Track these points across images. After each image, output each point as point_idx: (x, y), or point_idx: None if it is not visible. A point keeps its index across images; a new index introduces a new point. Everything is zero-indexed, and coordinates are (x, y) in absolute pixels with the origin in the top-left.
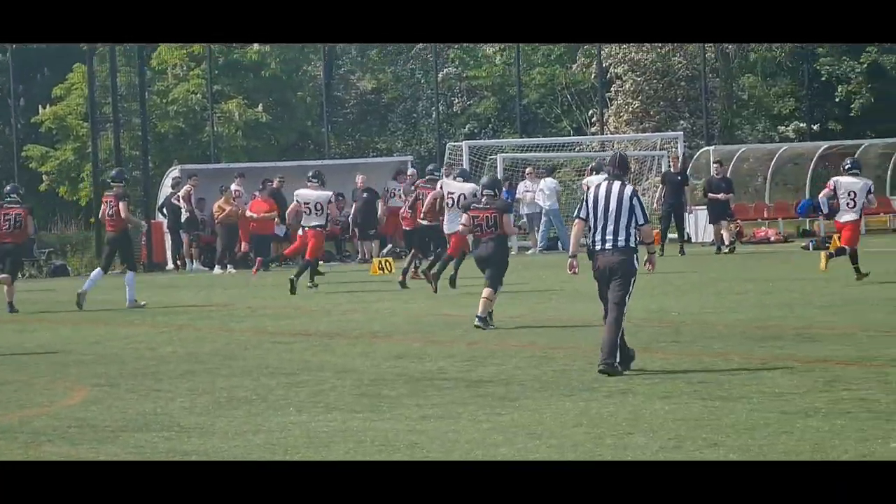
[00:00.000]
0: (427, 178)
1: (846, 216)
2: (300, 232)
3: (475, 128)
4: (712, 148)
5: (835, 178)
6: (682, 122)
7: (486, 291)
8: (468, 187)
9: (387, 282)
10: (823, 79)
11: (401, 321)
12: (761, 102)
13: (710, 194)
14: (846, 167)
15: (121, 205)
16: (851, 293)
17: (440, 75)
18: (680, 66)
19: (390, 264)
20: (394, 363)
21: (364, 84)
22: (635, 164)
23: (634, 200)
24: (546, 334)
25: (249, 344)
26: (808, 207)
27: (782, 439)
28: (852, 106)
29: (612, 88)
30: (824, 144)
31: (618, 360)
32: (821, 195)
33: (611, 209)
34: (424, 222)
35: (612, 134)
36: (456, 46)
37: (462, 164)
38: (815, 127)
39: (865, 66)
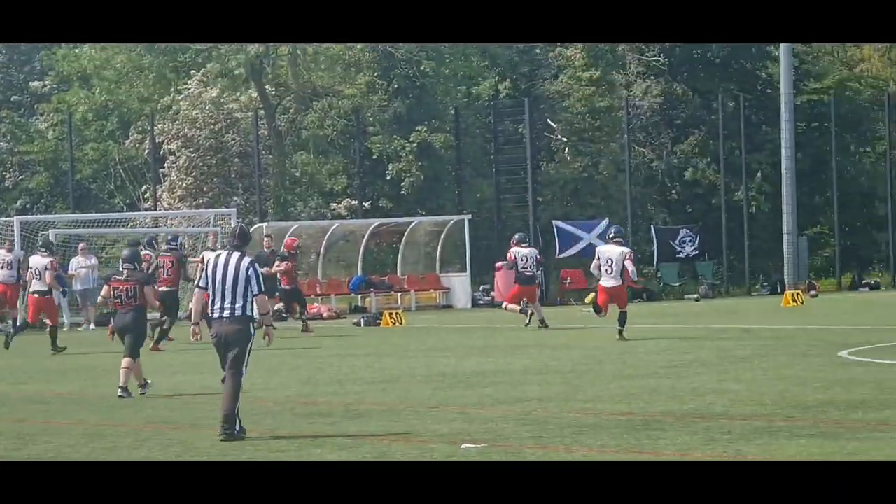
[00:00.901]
0: (167, 247)
1: (607, 282)
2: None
3: (27, 203)
4: (265, 224)
5: (598, 248)
6: (235, 198)
7: (125, 361)
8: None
9: None
10: (375, 157)
11: None
12: (314, 179)
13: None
14: (610, 236)
15: None
16: (400, 369)
17: None
18: (234, 142)
19: None
20: None
21: None
22: (189, 239)
23: (251, 271)
24: (98, 411)
25: None
26: (360, 283)
27: None
28: (403, 184)
29: (165, 164)
30: (376, 221)
31: (238, 426)
32: (592, 266)
33: (228, 279)
34: (163, 289)
35: (165, 210)
36: (7, 120)
37: (14, 239)
38: (366, 204)
39: (415, 144)
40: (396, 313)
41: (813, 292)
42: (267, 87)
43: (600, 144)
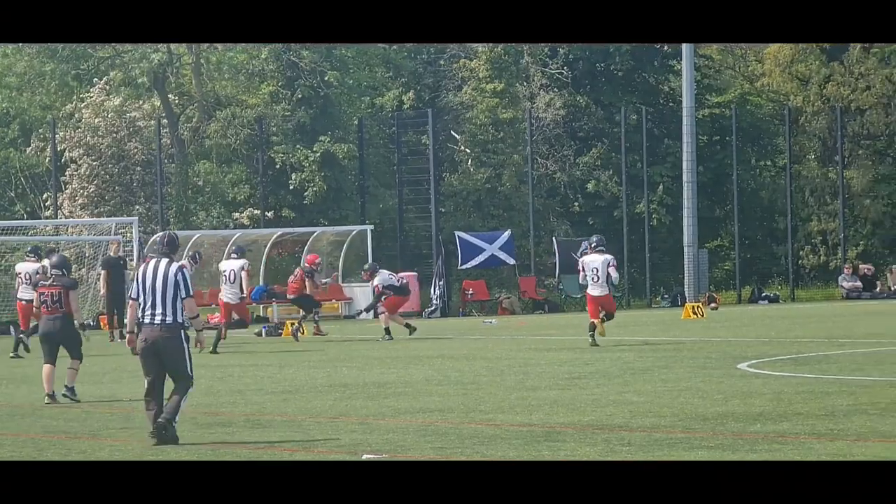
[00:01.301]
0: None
1: (594, 290)
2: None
3: None
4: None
5: (581, 259)
6: (137, 206)
7: (72, 363)
8: (238, 263)
9: None
10: (278, 167)
11: None
12: (216, 188)
13: None
14: (592, 245)
15: None
16: (302, 379)
17: None
18: (136, 151)
19: None
20: None
21: None
22: (90, 248)
23: (179, 276)
24: None
25: None
26: (262, 293)
27: None
28: (306, 194)
29: (67, 172)
30: (278, 231)
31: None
32: (580, 279)
33: (157, 285)
34: None
35: (66, 218)
36: None
37: None
38: (269, 214)
39: (319, 154)
40: (298, 323)
41: (713, 305)
42: (170, 95)
43: (503, 156)
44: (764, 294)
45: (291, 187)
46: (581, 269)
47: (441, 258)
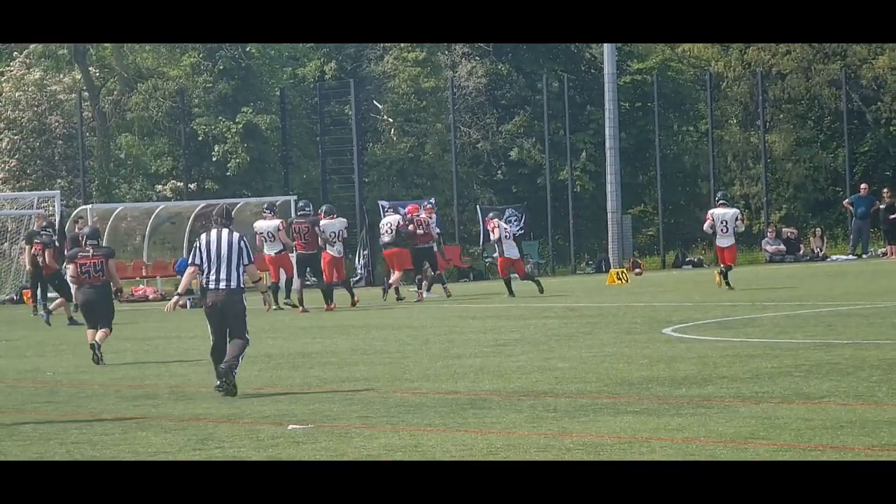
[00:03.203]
0: (300, 214)
1: (723, 240)
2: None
3: None
4: (90, 206)
5: (711, 211)
6: (59, 180)
7: (101, 333)
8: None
9: None
10: (200, 138)
11: None
12: (139, 161)
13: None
14: (718, 200)
15: None
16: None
17: None
18: (57, 124)
19: None
20: None
21: None
22: (12, 223)
23: (242, 244)
24: None
25: None
26: (186, 265)
27: None
28: (229, 165)
29: None
30: (202, 203)
31: (235, 376)
32: (705, 226)
33: (223, 253)
34: (303, 252)
35: None
36: None
37: None
38: (192, 186)
39: (241, 125)
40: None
41: (637, 270)
42: (91, 68)
43: (426, 125)
44: (688, 259)
45: (214, 159)
46: (710, 218)
47: (365, 228)
